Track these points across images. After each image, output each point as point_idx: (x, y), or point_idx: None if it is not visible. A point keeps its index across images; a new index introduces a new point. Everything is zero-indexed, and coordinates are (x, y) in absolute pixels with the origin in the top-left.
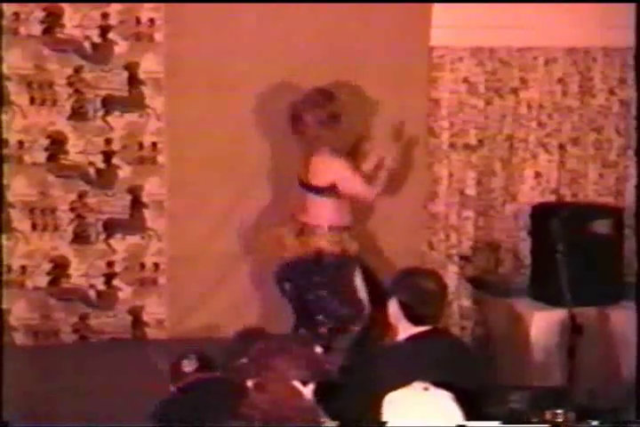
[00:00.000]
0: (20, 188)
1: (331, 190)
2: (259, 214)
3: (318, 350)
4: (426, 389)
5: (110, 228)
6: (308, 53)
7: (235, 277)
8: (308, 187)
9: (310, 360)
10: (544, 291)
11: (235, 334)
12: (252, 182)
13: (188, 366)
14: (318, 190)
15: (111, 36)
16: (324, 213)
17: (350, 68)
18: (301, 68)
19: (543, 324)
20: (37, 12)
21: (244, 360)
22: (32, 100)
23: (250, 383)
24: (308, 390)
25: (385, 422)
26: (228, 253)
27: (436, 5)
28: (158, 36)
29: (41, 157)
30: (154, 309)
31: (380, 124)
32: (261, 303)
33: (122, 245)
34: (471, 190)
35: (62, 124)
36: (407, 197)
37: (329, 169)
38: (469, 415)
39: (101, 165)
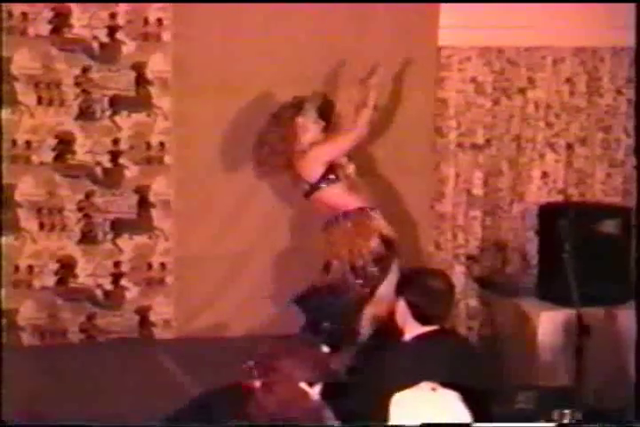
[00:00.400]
0: (27, 187)
1: (331, 172)
2: (266, 214)
3: (325, 350)
4: (433, 389)
5: (117, 228)
6: (316, 54)
7: (242, 276)
8: (313, 188)
9: (317, 361)
10: (551, 291)
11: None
12: (258, 182)
13: None
14: (321, 182)
15: (119, 36)
16: (342, 200)
17: (358, 69)
18: (308, 68)
19: (550, 324)
20: (45, 12)
21: (251, 362)
22: (39, 100)
23: (257, 385)
24: (314, 391)
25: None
26: (235, 252)
27: (444, 5)
28: (166, 36)
29: (48, 156)
30: (161, 308)
31: (385, 125)
32: (269, 303)
33: (129, 244)
34: (478, 190)
35: (70, 124)
36: (414, 197)
37: (313, 162)
38: (477, 416)
39: (109, 165)
